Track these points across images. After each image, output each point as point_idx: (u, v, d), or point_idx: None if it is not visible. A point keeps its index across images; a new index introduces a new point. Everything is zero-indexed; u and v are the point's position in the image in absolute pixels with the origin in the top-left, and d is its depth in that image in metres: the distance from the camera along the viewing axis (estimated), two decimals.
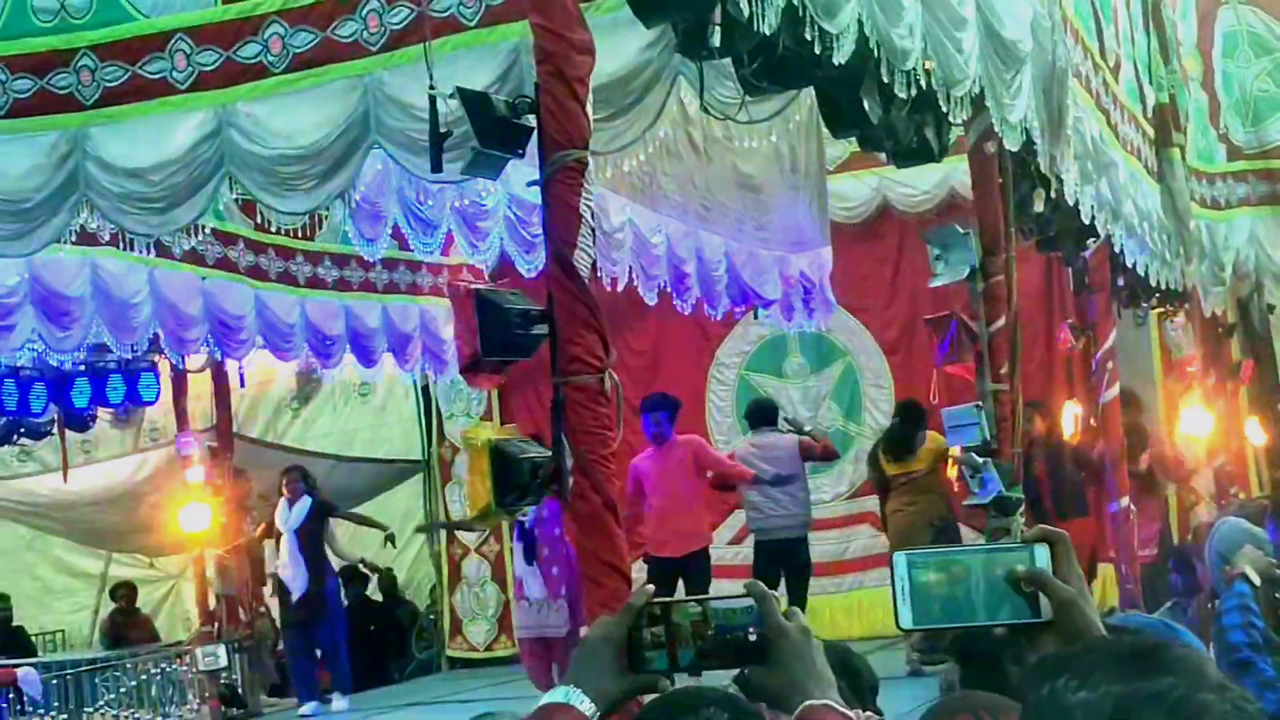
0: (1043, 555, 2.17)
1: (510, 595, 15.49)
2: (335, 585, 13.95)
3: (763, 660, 2.12)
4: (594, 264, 5.10)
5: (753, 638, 2.13)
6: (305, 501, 13.28)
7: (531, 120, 5.29)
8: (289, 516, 13.28)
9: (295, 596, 13.25)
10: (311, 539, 13.27)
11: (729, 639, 2.14)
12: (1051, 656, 1.96)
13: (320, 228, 10.84)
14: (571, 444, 5.01)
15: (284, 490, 13.45)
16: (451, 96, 5.68)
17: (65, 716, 13.34)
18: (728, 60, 6.20)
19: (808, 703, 2.09)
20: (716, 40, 5.56)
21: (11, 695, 12.90)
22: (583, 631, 10.73)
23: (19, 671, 12.87)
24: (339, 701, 13.31)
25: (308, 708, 13.05)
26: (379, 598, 16.81)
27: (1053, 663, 1.86)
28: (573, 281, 5.05)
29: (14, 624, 16.71)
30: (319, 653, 13.58)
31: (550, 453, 5.18)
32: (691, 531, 11.72)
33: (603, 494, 5.00)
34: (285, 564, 13.34)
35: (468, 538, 15.61)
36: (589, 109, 5.13)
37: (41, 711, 13.31)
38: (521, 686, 13.24)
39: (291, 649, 13.89)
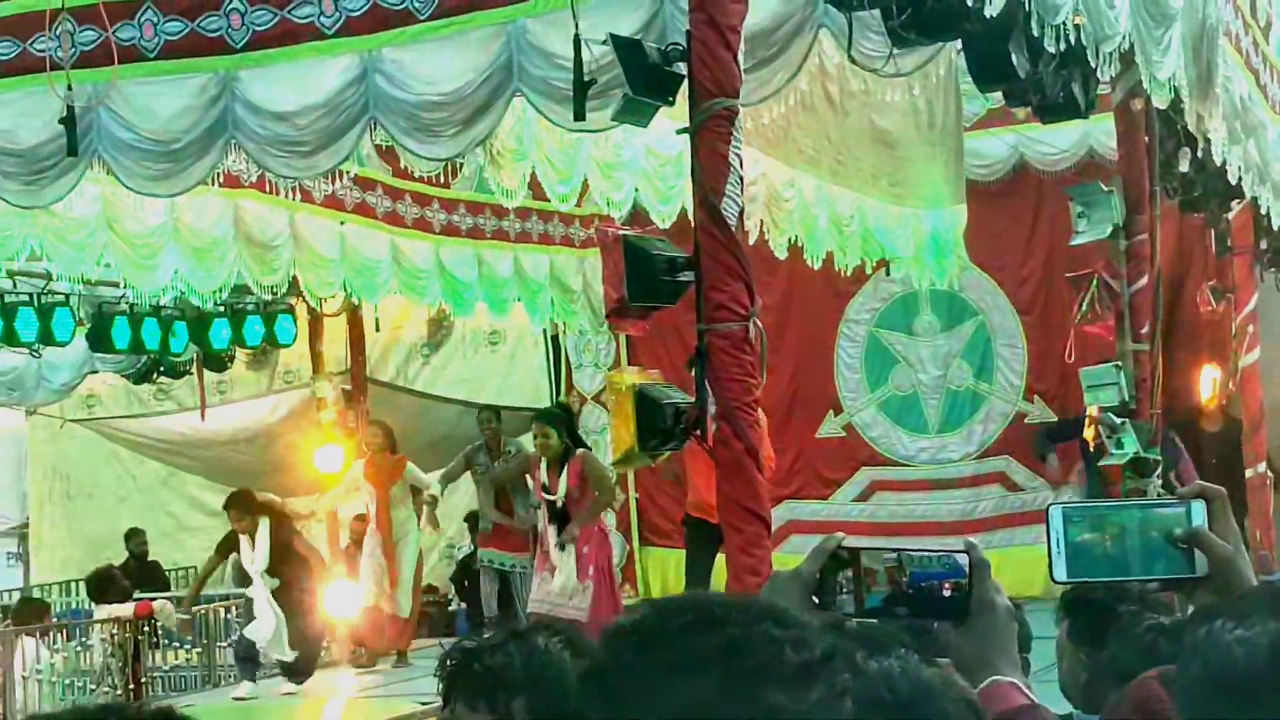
0: (1199, 512, 2.16)
1: (635, 545, 15.64)
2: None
3: (955, 618, 2.13)
4: (741, 212, 5.11)
5: (947, 593, 2.13)
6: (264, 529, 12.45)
7: (682, 68, 5.29)
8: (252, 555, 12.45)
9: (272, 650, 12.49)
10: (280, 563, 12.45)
11: (923, 589, 2.14)
12: (1209, 604, 1.97)
13: (456, 175, 10.92)
14: (715, 390, 5.03)
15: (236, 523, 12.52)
16: (603, 44, 5.69)
17: (199, 650, 13.63)
18: (874, 12, 6.16)
19: (995, 678, 2.11)
20: None
21: (147, 628, 13.20)
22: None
23: (155, 604, 13.17)
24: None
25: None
26: None
27: (1210, 608, 1.87)
28: (720, 229, 5.06)
29: (149, 558, 17.08)
30: None
31: (692, 398, 5.21)
32: None
33: (745, 440, 5.02)
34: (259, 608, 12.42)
35: None
36: (740, 58, 5.12)
37: (177, 644, 13.63)
38: None
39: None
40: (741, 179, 5.12)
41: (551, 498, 10.89)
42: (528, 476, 12.12)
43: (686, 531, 11.75)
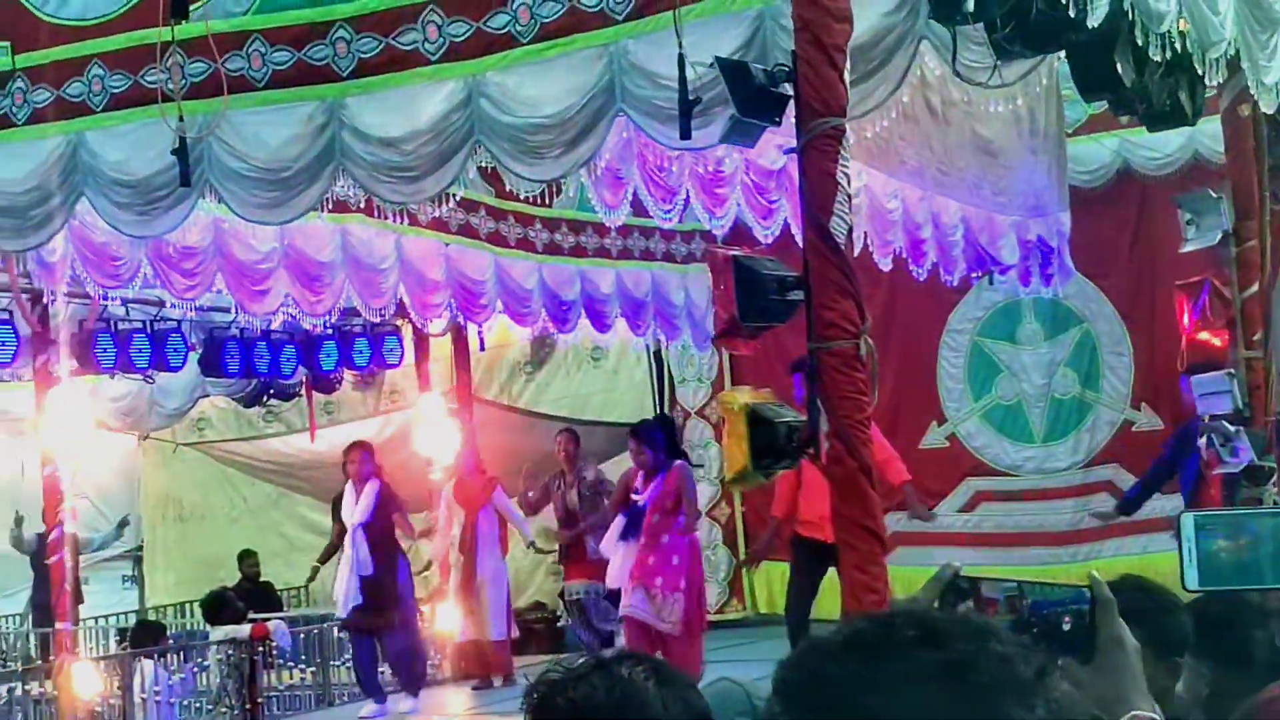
0: None
1: (740, 557, 15.64)
2: (408, 581, 13.13)
3: (1076, 652, 2.14)
4: (850, 230, 5.13)
5: (1066, 625, 2.14)
6: (373, 486, 12.63)
7: (788, 88, 5.32)
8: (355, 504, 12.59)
9: (353, 603, 12.53)
10: (381, 531, 12.58)
11: (1045, 619, 2.15)
12: None
13: (558, 194, 11.01)
14: (827, 408, 5.05)
15: (346, 472, 12.73)
16: (710, 66, 5.73)
17: (313, 669, 13.78)
18: (976, 24, 6.17)
19: (1135, 713, 2.13)
20: (970, 5, 5.53)
21: (262, 648, 13.36)
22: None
23: (270, 625, 13.33)
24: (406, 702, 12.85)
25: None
26: None
27: None
28: (829, 248, 5.09)
29: (262, 579, 17.28)
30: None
31: (804, 416, 5.23)
32: None
33: (858, 458, 5.03)
34: (344, 564, 12.64)
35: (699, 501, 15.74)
36: (846, 77, 5.14)
37: (291, 664, 13.80)
38: (754, 649, 13.36)
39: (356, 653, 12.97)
40: (850, 197, 5.15)
41: (637, 497, 11.00)
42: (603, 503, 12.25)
43: (792, 551, 11.74)
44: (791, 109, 5.42)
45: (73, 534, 11.17)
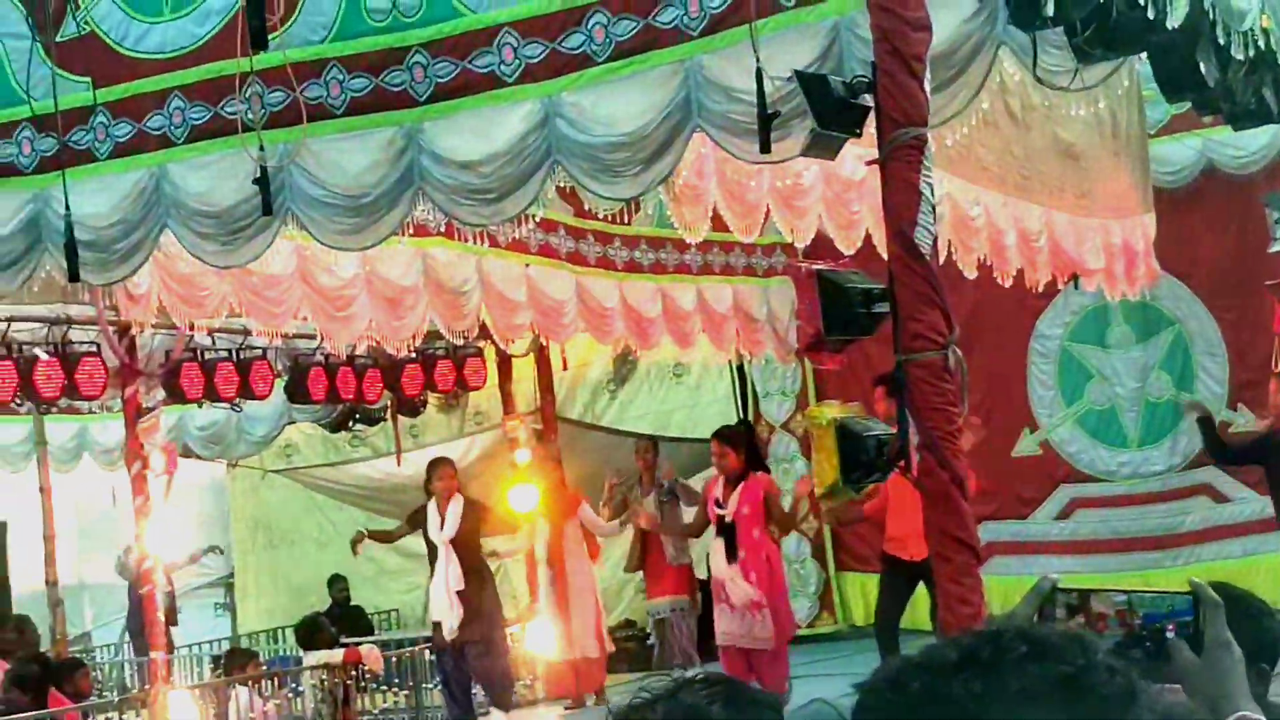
0: None
1: (831, 572, 15.54)
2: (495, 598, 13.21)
3: (1181, 658, 2.12)
4: (934, 240, 5.08)
5: (1170, 633, 2.11)
6: (458, 501, 12.78)
7: (868, 99, 5.26)
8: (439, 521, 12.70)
9: (449, 623, 12.65)
10: (467, 547, 12.76)
11: (1157, 630, 2.12)
12: None
13: (636, 212, 10.99)
14: (916, 420, 4.99)
15: (431, 489, 12.88)
16: (788, 80, 5.69)
17: (406, 693, 13.83)
18: (1056, 28, 6.09)
19: (1242, 713, 2.14)
20: (1050, 9, 5.46)
21: (355, 672, 13.41)
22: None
23: (363, 649, 13.39)
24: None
25: None
26: None
27: None
28: (914, 259, 5.03)
29: (352, 604, 17.37)
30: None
31: (892, 429, 5.17)
32: None
33: (950, 470, 4.97)
34: (437, 582, 12.77)
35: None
36: (927, 86, 5.08)
37: (384, 688, 13.85)
38: (844, 663, 13.26)
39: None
40: (933, 207, 5.09)
41: (721, 511, 10.85)
42: (680, 506, 12.13)
43: (881, 566, 11.71)
44: (872, 119, 5.36)
45: (167, 563, 11.24)
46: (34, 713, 10.95)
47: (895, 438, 5.16)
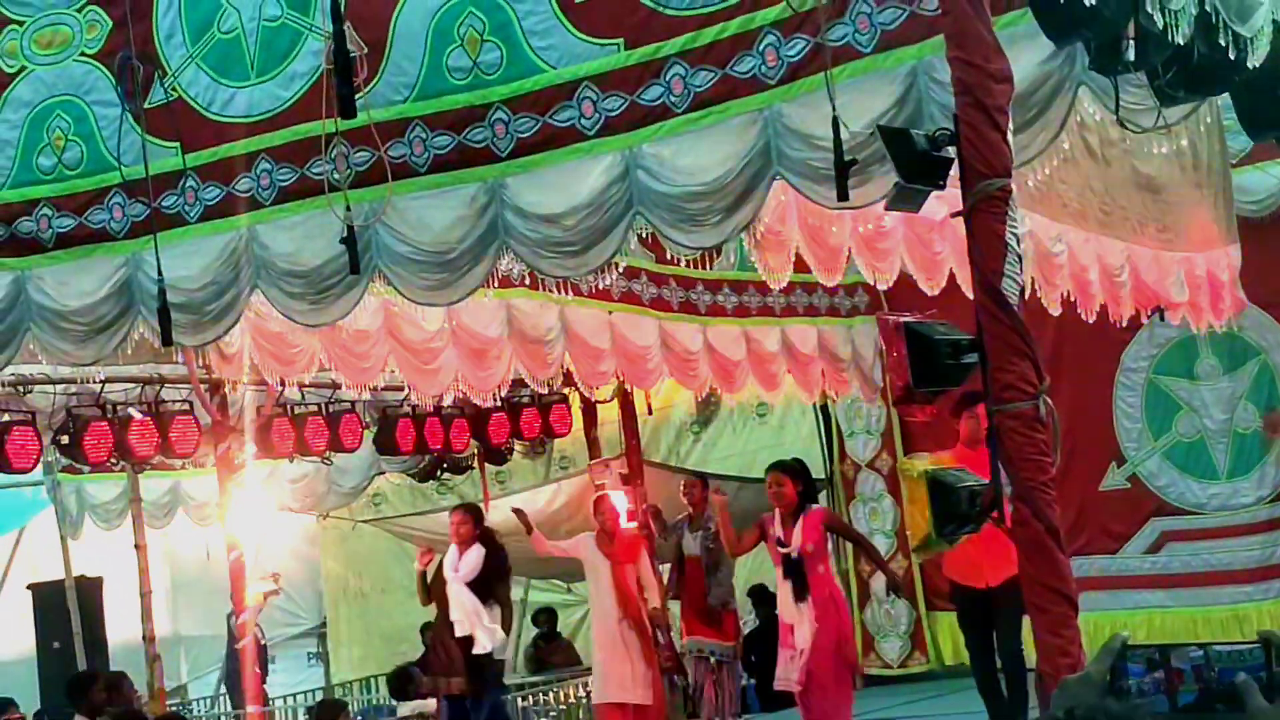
0: None
1: (922, 610, 15.46)
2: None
3: (1254, 704, 2.11)
4: (1023, 290, 5.09)
5: (1240, 679, 2.11)
6: (477, 550, 12.82)
7: (951, 151, 5.30)
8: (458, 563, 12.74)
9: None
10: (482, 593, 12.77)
11: (1233, 685, 2.12)
12: None
13: (718, 254, 11.04)
14: (1009, 471, 5.00)
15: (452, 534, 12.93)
16: (870, 133, 5.73)
17: None
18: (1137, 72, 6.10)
19: None
20: (1131, 54, 5.48)
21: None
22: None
23: None
24: None
25: None
26: None
27: None
28: (1002, 310, 5.05)
29: None
30: None
31: (984, 480, 5.18)
32: (1002, 554, 11.17)
33: (1044, 520, 4.97)
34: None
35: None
36: (1010, 137, 5.11)
37: None
38: (941, 704, 13.21)
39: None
40: (1020, 257, 5.11)
41: (786, 549, 10.68)
42: (724, 552, 11.89)
43: (953, 602, 11.55)
44: (955, 170, 5.39)
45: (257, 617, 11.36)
46: None
47: (989, 488, 5.17)
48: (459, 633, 12.76)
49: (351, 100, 7.36)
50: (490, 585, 12.97)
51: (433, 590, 13.21)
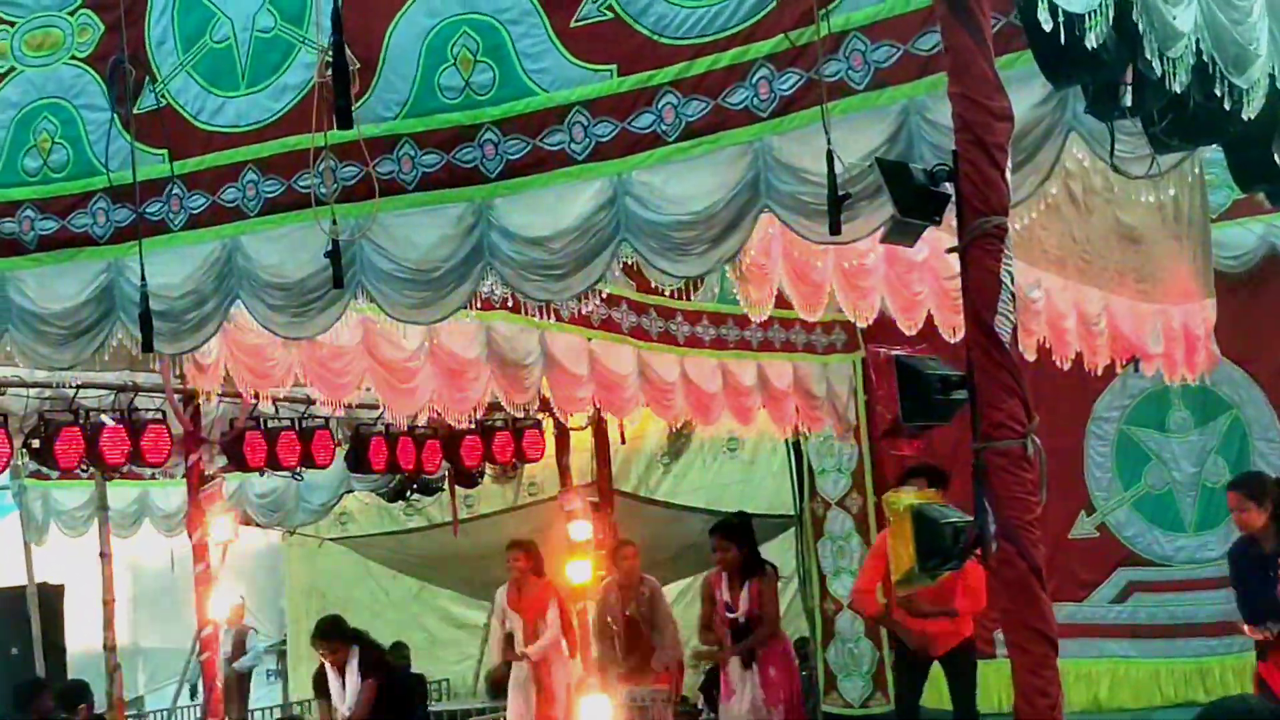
0: None
1: (885, 651, 15.45)
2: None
3: None
4: (1014, 329, 5.12)
5: None
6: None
7: (948, 187, 5.32)
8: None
9: None
10: None
11: None
12: None
13: (699, 287, 11.04)
14: (994, 509, 5.02)
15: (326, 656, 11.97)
16: (859, 162, 5.73)
17: None
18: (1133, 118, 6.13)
19: None
20: (1128, 100, 5.52)
21: None
22: None
23: None
24: None
25: None
26: None
27: None
28: (995, 347, 5.07)
29: (412, 670, 17.34)
30: None
31: (969, 517, 5.19)
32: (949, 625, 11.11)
33: (1029, 559, 4.99)
34: None
35: (840, 592, 15.62)
36: (1008, 176, 5.14)
37: None
38: None
39: None
40: (1013, 295, 5.14)
41: (734, 614, 10.49)
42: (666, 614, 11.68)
43: (893, 640, 11.46)
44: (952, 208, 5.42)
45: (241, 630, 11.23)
46: None
47: (972, 525, 5.18)
48: None
49: (349, 111, 7.36)
50: None
51: None
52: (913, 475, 11.06)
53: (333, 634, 11.84)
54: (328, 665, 11.64)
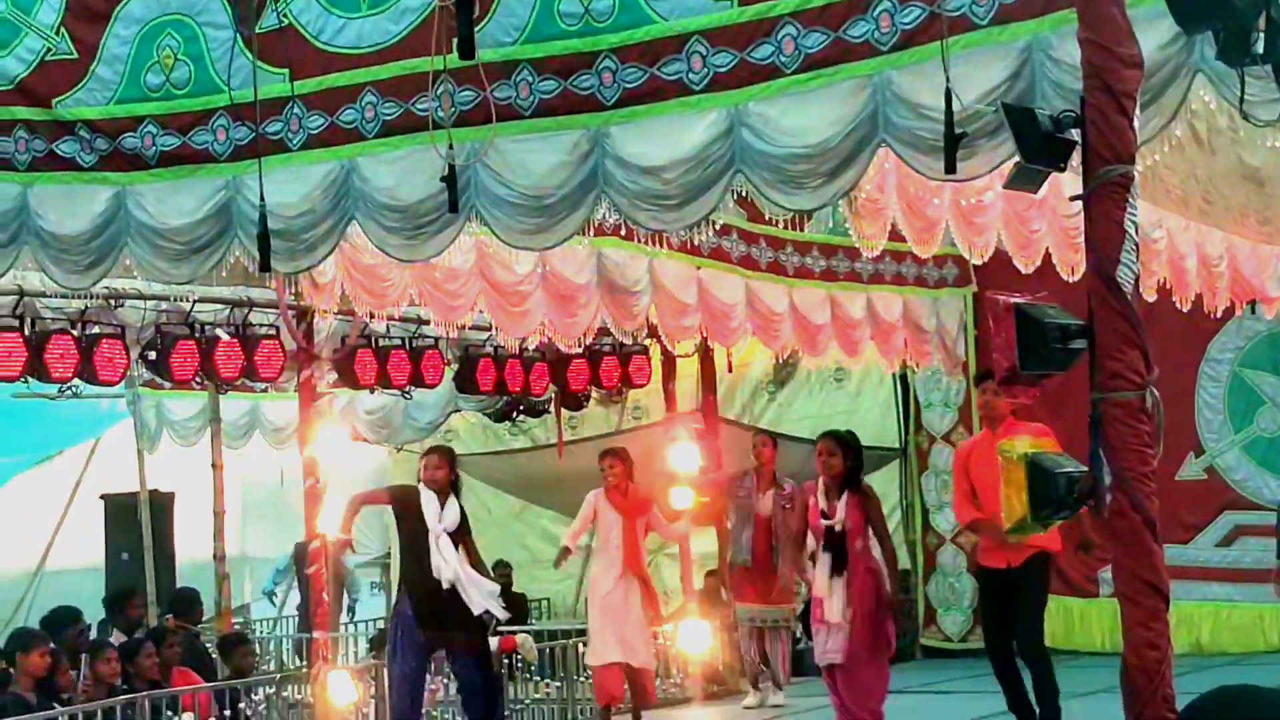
0: None
1: None
2: None
3: None
4: (1136, 279, 5.05)
5: None
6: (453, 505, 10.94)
7: (1074, 134, 5.24)
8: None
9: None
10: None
11: None
12: None
13: (810, 217, 10.98)
14: (1110, 460, 4.97)
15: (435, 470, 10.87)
16: (992, 109, 5.68)
17: (557, 684, 13.95)
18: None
19: None
20: (1260, 46, 5.40)
21: (508, 661, 13.56)
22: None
23: (518, 638, 13.54)
24: None
25: None
26: None
27: None
28: (1116, 297, 5.02)
29: (514, 589, 17.50)
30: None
31: (1084, 467, 5.15)
32: None
33: (1142, 511, 4.95)
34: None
35: (943, 526, 15.57)
36: (1136, 124, 5.06)
37: (537, 678, 13.99)
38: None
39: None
40: (1137, 245, 5.07)
41: (830, 522, 10.24)
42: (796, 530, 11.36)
43: (977, 580, 11.20)
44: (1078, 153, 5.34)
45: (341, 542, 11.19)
46: (209, 684, 11.28)
47: (1087, 475, 5.14)
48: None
49: (471, 40, 7.36)
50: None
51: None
52: (984, 378, 10.54)
53: (451, 454, 11.34)
54: (423, 486, 11.05)
